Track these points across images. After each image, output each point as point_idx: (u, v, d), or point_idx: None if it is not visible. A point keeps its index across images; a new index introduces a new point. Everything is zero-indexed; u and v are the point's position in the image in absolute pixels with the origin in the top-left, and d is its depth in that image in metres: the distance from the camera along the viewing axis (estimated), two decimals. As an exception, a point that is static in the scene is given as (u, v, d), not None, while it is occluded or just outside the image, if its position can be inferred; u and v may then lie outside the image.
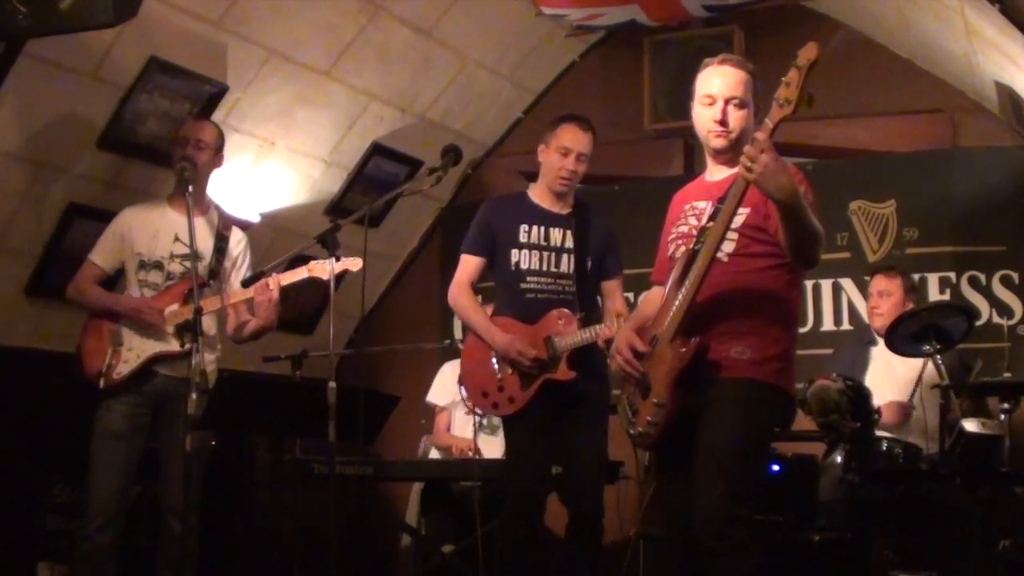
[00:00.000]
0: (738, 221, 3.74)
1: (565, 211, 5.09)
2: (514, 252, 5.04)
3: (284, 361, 6.47)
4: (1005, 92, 6.10)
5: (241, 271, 5.27)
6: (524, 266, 5.03)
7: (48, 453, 5.87)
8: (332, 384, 4.39)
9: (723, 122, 3.84)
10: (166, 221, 5.14)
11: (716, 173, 3.96)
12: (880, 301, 5.87)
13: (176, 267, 5.10)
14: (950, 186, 6.51)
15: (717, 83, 3.86)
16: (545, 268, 5.03)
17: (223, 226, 5.28)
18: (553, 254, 5.03)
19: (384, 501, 7.43)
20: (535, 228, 5.06)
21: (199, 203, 5.08)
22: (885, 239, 6.60)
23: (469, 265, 5.13)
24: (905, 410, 5.62)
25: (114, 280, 5.33)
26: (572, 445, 5.01)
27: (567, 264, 5.04)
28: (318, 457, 5.86)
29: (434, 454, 6.65)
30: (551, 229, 5.06)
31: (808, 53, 3.47)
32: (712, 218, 3.76)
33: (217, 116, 6.01)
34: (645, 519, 5.87)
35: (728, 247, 3.74)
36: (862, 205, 6.67)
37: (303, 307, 7.31)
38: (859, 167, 6.79)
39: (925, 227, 6.54)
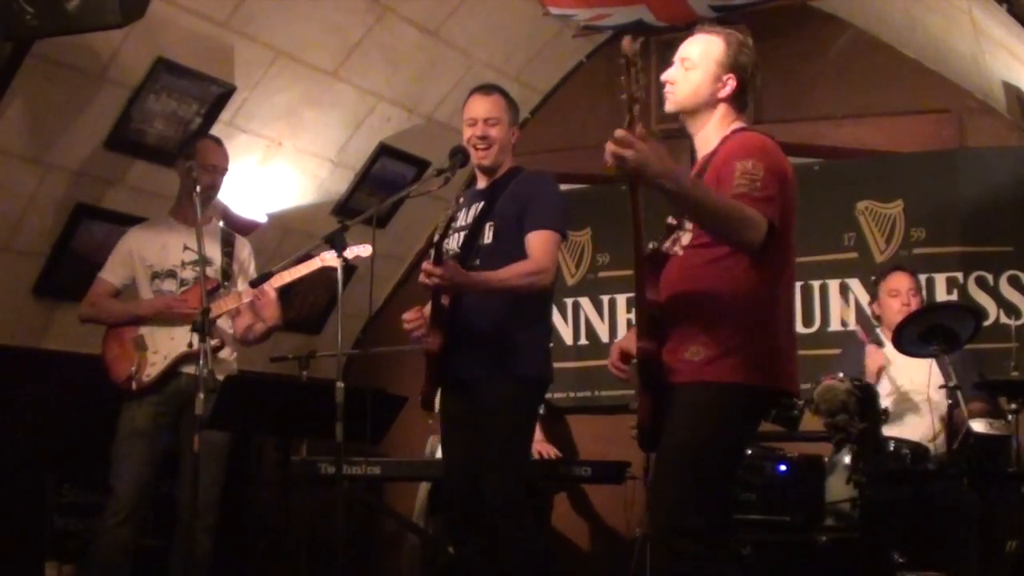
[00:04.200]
0: None
1: (486, 185, 4.77)
2: (450, 239, 4.68)
3: (291, 361, 6.50)
4: (1013, 92, 6.10)
5: (249, 275, 5.41)
6: (451, 250, 4.66)
7: (56, 453, 5.87)
8: (340, 384, 4.40)
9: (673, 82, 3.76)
10: (173, 233, 5.31)
11: (700, 152, 3.83)
12: (911, 299, 5.85)
13: (189, 274, 5.26)
14: (957, 186, 6.50)
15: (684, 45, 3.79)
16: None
17: (228, 233, 5.45)
18: (467, 232, 4.69)
19: (391, 501, 7.44)
20: (464, 211, 4.73)
21: (203, 217, 5.12)
22: (892, 239, 6.60)
23: None
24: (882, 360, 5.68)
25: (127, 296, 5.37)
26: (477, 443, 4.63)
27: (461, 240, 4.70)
28: (325, 457, 5.87)
29: (440, 454, 6.65)
30: (472, 207, 4.73)
31: (624, 50, 3.39)
32: (677, 212, 3.66)
33: (224, 116, 6.03)
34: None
35: (685, 239, 3.63)
36: (869, 205, 6.67)
37: (310, 307, 7.31)
38: (866, 167, 6.78)
39: (932, 227, 6.53)
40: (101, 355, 5.22)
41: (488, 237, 4.62)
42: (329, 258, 5.12)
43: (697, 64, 3.75)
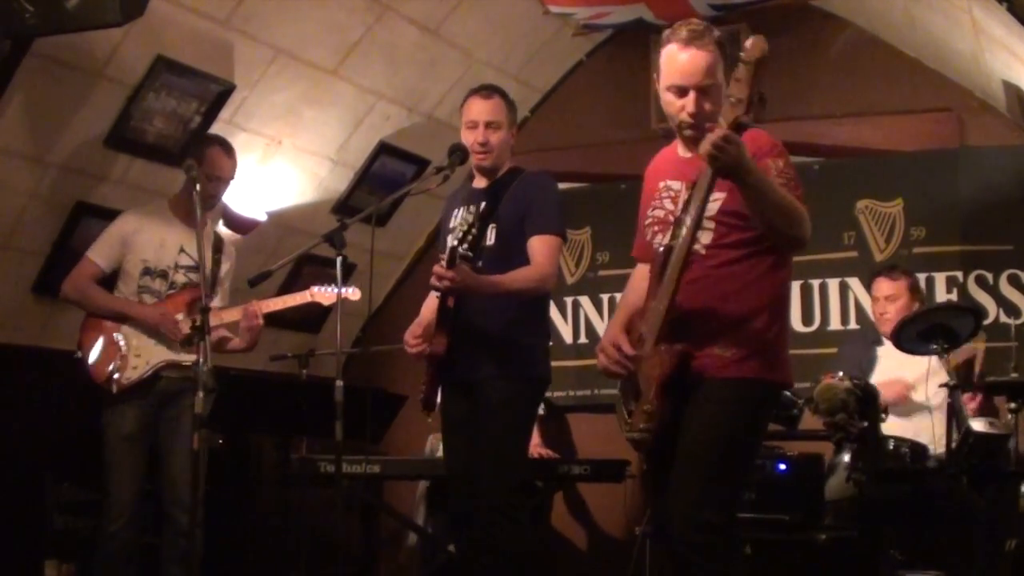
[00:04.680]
0: (713, 208, 3.60)
1: (486, 185, 4.76)
2: (449, 239, 4.72)
3: (291, 360, 6.50)
4: (1012, 91, 6.09)
5: (228, 282, 5.44)
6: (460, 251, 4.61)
7: (55, 451, 5.88)
8: (339, 383, 4.41)
9: (696, 114, 3.68)
10: (171, 230, 5.27)
11: (690, 148, 3.78)
12: (887, 305, 5.86)
13: (180, 277, 5.25)
14: (957, 185, 6.50)
15: (685, 71, 3.67)
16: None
17: (219, 239, 5.45)
18: None
19: (391, 499, 7.44)
20: (460, 210, 4.75)
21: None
22: (892, 238, 6.60)
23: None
24: (906, 389, 5.63)
25: (108, 279, 5.33)
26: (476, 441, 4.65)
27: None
28: (325, 456, 5.87)
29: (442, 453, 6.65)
30: (471, 207, 4.71)
31: (754, 49, 3.31)
32: (686, 207, 3.63)
33: (224, 115, 6.03)
34: (651, 518, 5.86)
35: (705, 238, 3.62)
36: (869, 204, 6.67)
37: (309, 306, 7.29)
38: (866, 166, 6.78)
39: (932, 226, 6.53)
40: (79, 344, 5.16)
41: (491, 239, 4.64)
42: (319, 295, 5.41)
43: (713, 86, 3.69)
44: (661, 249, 3.69)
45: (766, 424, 3.90)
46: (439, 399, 4.78)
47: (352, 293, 5.36)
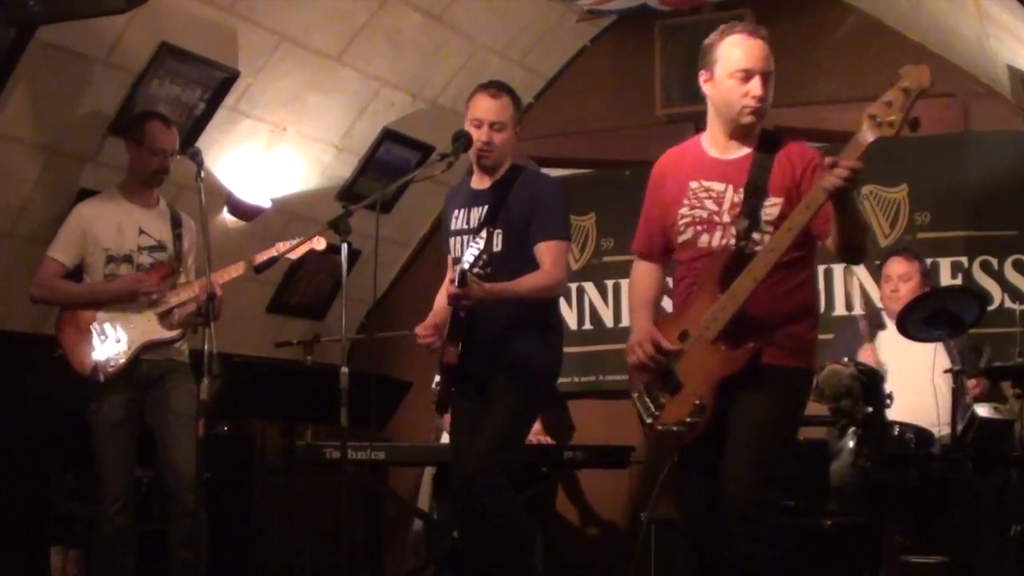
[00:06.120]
0: (772, 213, 3.74)
1: (487, 186, 4.77)
2: (451, 241, 4.82)
3: (296, 346, 6.50)
4: (1017, 76, 6.07)
5: (191, 257, 5.40)
6: (457, 254, 4.74)
7: (60, 438, 5.88)
8: (344, 369, 4.41)
9: (763, 98, 3.78)
10: (128, 215, 5.25)
11: (728, 150, 3.87)
12: (900, 284, 5.84)
13: (145, 259, 5.23)
14: (962, 171, 6.49)
15: (752, 56, 3.78)
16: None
17: (175, 214, 5.40)
18: (471, 237, 4.68)
19: (396, 485, 7.45)
20: (462, 212, 4.78)
21: (152, 198, 5.32)
22: (897, 224, 6.59)
23: (448, 263, 4.93)
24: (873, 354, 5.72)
25: (72, 275, 5.30)
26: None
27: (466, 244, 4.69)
28: (330, 442, 5.88)
29: (446, 439, 6.66)
30: (473, 210, 4.75)
31: (922, 80, 3.48)
32: (746, 212, 3.74)
33: (228, 102, 6.03)
34: (656, 504, 5.87)
35: (763, 241, 3.73)
36: (874, 190, 6.66)
37: (315, 292, 7.32)
38: (870, 151, 6.73)
39: (937, 212, 6.52)
40: (59, 342, 5.14)
41: (498, 244, 4.65)
42: (284, 247, 5.25)
43: (772, 76, 3.86)
44: (721, 248, 3.79)
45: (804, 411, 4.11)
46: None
47: (316, 242, 5.26)
